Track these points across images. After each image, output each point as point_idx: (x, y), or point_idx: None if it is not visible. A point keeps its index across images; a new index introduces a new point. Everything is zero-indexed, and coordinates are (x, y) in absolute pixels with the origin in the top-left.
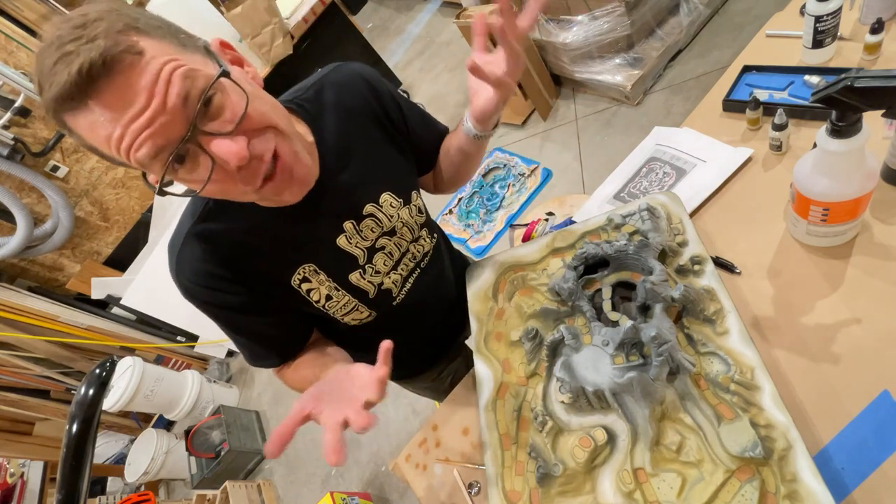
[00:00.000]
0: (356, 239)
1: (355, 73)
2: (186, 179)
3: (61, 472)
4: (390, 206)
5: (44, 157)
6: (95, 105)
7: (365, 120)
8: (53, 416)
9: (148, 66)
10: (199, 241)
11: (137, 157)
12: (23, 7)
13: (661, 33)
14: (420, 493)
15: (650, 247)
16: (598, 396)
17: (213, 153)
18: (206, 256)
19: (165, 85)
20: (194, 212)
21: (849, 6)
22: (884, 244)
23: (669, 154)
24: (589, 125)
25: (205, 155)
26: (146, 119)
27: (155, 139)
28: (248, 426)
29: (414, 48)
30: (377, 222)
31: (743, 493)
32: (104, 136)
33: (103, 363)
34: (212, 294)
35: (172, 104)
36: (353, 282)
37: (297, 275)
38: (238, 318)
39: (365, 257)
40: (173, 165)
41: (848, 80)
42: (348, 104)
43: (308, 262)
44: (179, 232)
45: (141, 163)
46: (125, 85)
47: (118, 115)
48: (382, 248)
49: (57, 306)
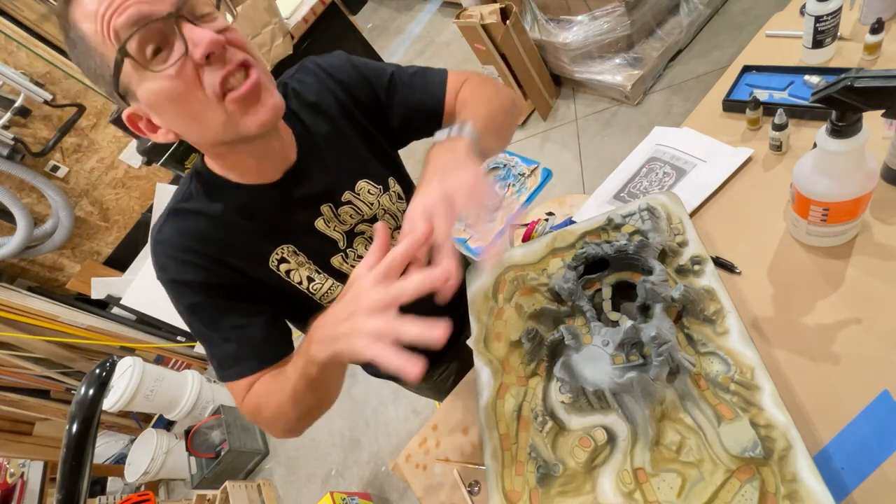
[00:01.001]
0: (334, 223)
1: (315, 65)
2: (157, 72)
3: (61, 472)
4: (368, 192)
5: (44, 157)
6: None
7: (332, 112)
8: (53, 416)
9: None
10: (178, 218)
11: (118, 21)
12: (23, 7)
13: (661, 33)
14: (420, 493)
15: (650, 247)
16: (598, 396)
17: (187, 36)
18: (183, 231)
19: None
20: (176, 195)
21: (849, 6)
22: (884, 244)
23: (669, 154)
24: (589, 125)
25: (179, 43)
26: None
27: (139, 6)
28: (248, 426)
29: (414, 48)
30: (356, 209)
31: (743, 493)
32: (94, 9)
33: (103, 363)
34: (185, 270)
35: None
36: (335, 266)
37: (274, 255)
38: (209, 311)
39: (344, 241)
40: (146, 49)
41: (848, 80)
42: (311, 99)
43: (286, 242)
44: (162, 213)
45: (118, 31)
46: None
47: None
48: (362, 232)
49: (57, 306)
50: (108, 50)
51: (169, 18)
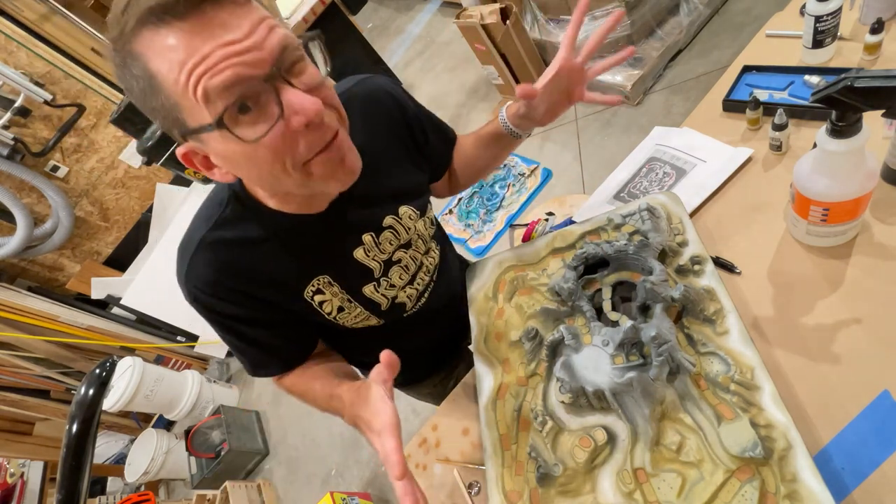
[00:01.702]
0: (374, 252)
1: (381, 87)
2: (242, 133)
3: (61, 472)
4: (409, 218)
5: (44, 157)
6: (194, 23)
7: (389, 134)
8: (53, 416)
9: (253, 10)
10: (212, 250)
11: (212, 83)
12: (23, 7)
13: (661, 33)
14: None
15: (650, 247)
16: (598, 396)
17: (290, 100)
18: (217, 266)
19: (268, 29)
20: (209, 217)
21: (849, 6)
22: (884, 244)
23: (669, 154)
24: (589, 125)
25: (273, 105)
26: (243, 47)
27: (237, 68)
28: (248, 426)
29: (414, 48)
30: (395, 234)
31: (743, 493)
32: (180, 58)
33: (103, 363)
34: (219, 304)
35: (271, 45)
36: (366, 294)
37: (310, 286)
38: (242, 328)
39: (381, 270)
40: (237, 112)
41: (848, 80)
42: (374, 118)
43: (323, 273)
44: (192, 237)
45: (208, 92)
46: (230, 14)
47: (214, 36)
48: (399, 261)
49: (57, 306)
50: (187, 102)
51: (269, 80)
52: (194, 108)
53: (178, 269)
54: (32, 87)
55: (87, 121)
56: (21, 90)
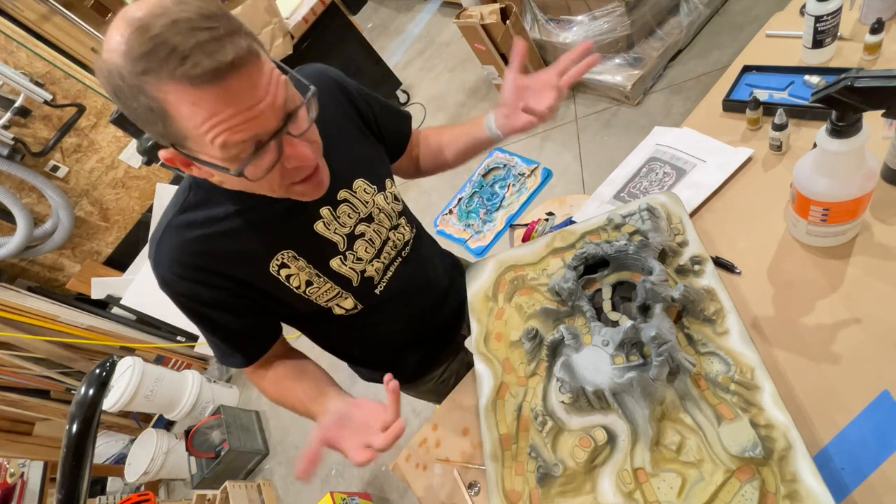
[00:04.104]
0: (334, 225)
1: (321, 72)
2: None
3: (61, 472)
4: (364, 191)
5: (44, 157)
6: (219, 91)
7: (334, 114)
8: (53, 416)
9: (264, 69)
10: (179, 232)
11: (233, 139)
12: (23, 7)
13: (661, 33)
14: (420, 493)
15: (650, 247)
16: (598, 396)
17: (292, 152)
18: (183, 247)
19: (276, 87)
20: (176, 204)
21: (849, 6)
22: (884, 244)
23: (669, 154)
24: (589, 125)
25: (273, 150)
26: (258, 110)
27: (254, 128)
28: (248, 426)
29: (414, 48)
30: (352, 207)
31: (743, 493)
32: (204, 116)
33: (103, 363)
34: (187, 286)
35: (278, 103)
36: (333, 268)
37: (275, 260)
38: (209, 312)
39: (344, 243)
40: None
41: (848, 80)
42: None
43: (286, 247)
44: (161, 224)
45: (227, 144)
46: (247, 78)
47: (236, 103)
48: (362, 234)
49: (57, 306)
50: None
51: (276, 136)
52: (206, 146)
53: (149, 258)
54: (32, 87)
55: (87, 121)
56: (21, 90)
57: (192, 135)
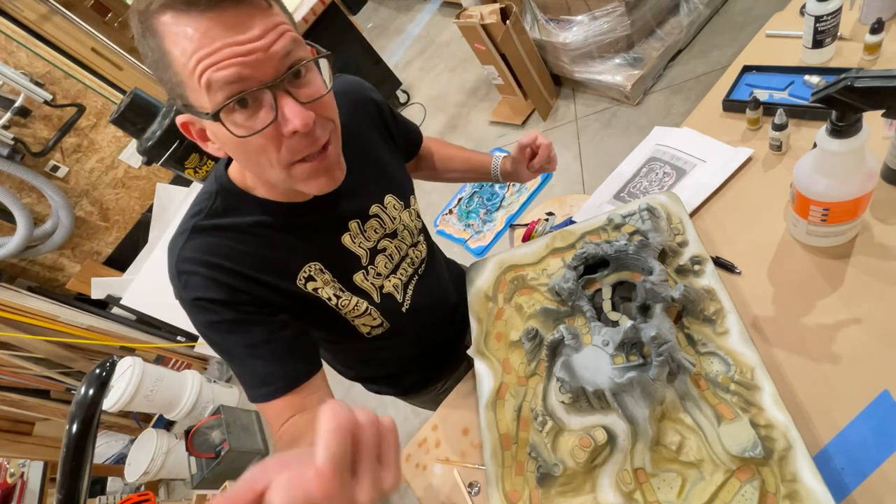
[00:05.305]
0: (360, 239)
1: (355, 80)
2: (236, 124)
3: (61, 472)
4: (393, 207)
5: (44, 157)
6: (211, 18)
7: (367, 125)
8: (53, 416)
9: (270, 16)
10: (205, 234)
11: (216, 76)
12: (23, 7)
13: (661, 33)
14: (420, 493)
15: (650, 247)
16: (598, 396)
17: (284, 110)
18: (208, 248)
19: (277, 35)
20: (200, 209)
21: (849, 6)
22: (884, 244)
23: (669, 154)
24: (589, 125)
25: (269, 108)
26: (248, 48)
27: (243, 68)
28: (248, 426)
29: (414, 48)
30: (381, 223)
31: (743, 493)
32: (192, 47)
33: (103, 363)
34: (210, 286)
35: (276, 51)
36: (356, 283)
37: (302, 272)
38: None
39: (367, 258)
40: (235, 105)
41: (848, 80)
42: (353, 110)
43: (314, 259)
44: (182, 229)
45: (211, 83)
46: (247, 16)
47: (225, 34)
48: (384, 249)
49: (57, 306)
50: (192, 84)
51: (269, 88)
52: (197, 91)
53: (169, 264)
54: (32, 87)
55: (87, 121)
56: (21, 90)
57: (186, 79)
